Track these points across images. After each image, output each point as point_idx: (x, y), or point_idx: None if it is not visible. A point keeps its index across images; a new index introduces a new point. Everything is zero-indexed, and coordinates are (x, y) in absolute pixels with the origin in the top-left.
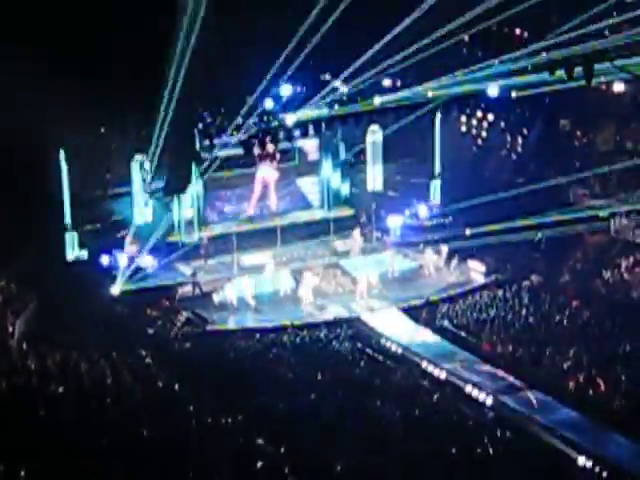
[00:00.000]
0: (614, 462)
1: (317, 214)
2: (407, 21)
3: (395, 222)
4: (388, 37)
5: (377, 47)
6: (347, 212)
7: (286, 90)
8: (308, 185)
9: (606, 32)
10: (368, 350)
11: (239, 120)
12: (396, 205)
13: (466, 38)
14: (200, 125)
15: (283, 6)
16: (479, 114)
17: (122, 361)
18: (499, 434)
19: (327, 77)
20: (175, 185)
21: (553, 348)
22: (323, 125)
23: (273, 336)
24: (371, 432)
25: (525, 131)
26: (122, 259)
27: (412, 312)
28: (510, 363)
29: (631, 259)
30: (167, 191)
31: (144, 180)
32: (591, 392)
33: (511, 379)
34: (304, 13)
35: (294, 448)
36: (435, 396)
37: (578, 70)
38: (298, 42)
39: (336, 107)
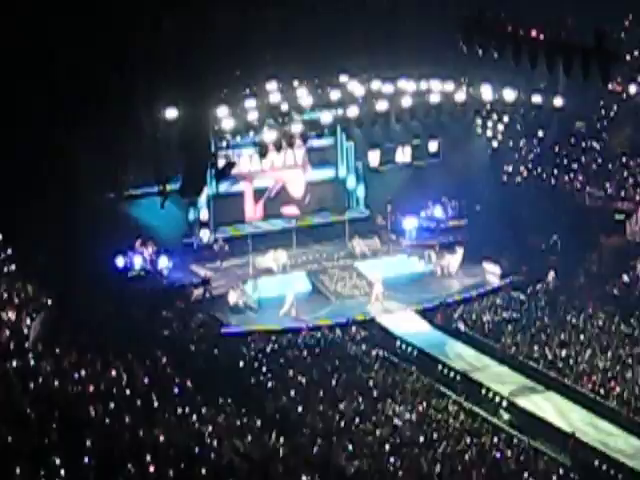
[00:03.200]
0: (628, 464)
1: (333, 216)
2: None
3: (411, 224)
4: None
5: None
6: (363, 214)
7: (301, 91)
8: (323, 186)
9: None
10: (383, 352)
11: (255, 122)
12: (412, 207)
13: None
14: (215, 127)
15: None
16: (495, 116)
17: (137, 362)
18: (514, 436)
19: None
20: (191, 187)
21: (569, 350)
22: (339, 126)
23: (288, 338)
24: (385, 434)
25: (540, 133)
26: (137, 260)
27: (427, 314)
28: (526, 365)
29: None
30: (183, 193)
31: (158, 182)
32: (606, 394)
33: (527, 381)
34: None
35: (308, 450)
36: (450, 398)
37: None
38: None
39: (350, 107)
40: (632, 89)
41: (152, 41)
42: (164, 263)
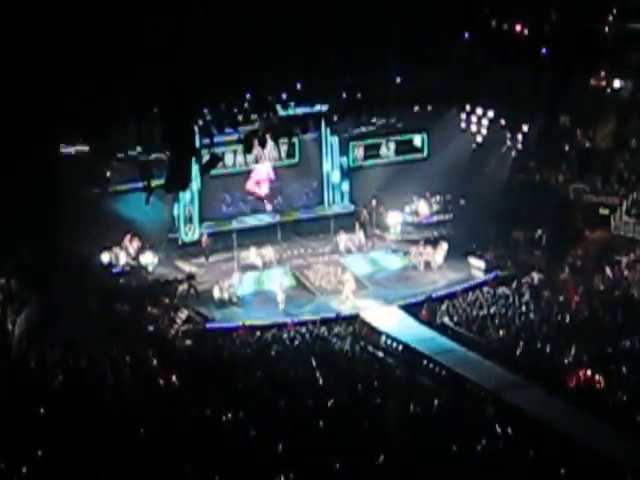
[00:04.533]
0: (612, 457)
1: (318, 211)
2: None
3: (395, 219)
4: None
5: None
6: (347, 209)
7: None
8: (308, 182)
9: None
10: (369, 347)
11: (239, 117)
12: (396, 202)
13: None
14: (200, 122)
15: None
16: (479, 111)
17: (122, 359)
18: (500, 430)
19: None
20: (176, 182)
21: (553, 345)
22: (323, 120)
23: (274, 333)
24: (371, 429)
25: (525, 128)
26: (122, 256)
27: (412, 309)
28: (510, 360)
29: (631, 256)
30: (167, 188)
31: (143, 177)
32: (591, 388)
33: (511, 375)
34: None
35: (294, 445)
36: (435, 393)
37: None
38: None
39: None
40: (616, 84)
41: (136, 38)
42: (149, 259)
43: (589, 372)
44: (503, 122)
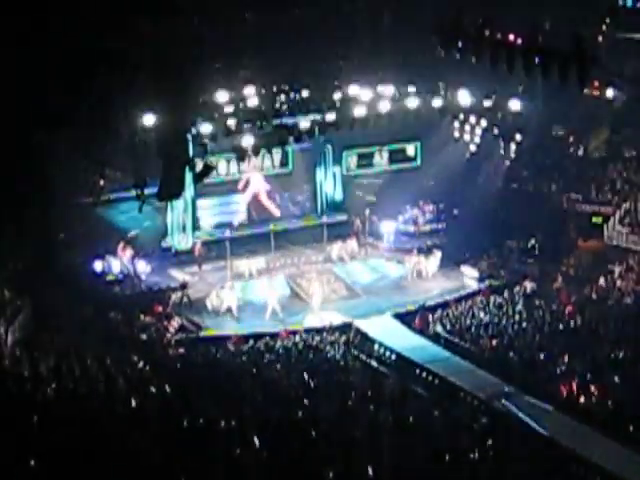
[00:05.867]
0: (606, 467)
1: (311, 220)
2: None
3: (388, 228)
4: None
5: None
6: (341, 218)
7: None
8: (302, 191)
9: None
10: (362, 356)
11: (233, 126)
12: (390, 211)
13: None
14: (194, 131)
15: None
16: (472, 120)
17: (115, 367)
18: (492, 440)
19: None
20: (169, 191)
21: (546, 354)
22: (317, 130)
23: (266, 342)
24: (364, 438)
25: (518, 137)
26: (115, 265)
27: (405, 318)
28: (503, 368)
29: (624, 265)
30: (161, 197)
31: (137, 186)
32: (584, 398)
33: (504, 385)
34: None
35: (286, 454)
36: (428, 402)
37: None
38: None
39: (329, 112)
40: (609, 93)
41: (130, 44)
42: (142, 267)
43: (582, 381)
44: (496, 131)
